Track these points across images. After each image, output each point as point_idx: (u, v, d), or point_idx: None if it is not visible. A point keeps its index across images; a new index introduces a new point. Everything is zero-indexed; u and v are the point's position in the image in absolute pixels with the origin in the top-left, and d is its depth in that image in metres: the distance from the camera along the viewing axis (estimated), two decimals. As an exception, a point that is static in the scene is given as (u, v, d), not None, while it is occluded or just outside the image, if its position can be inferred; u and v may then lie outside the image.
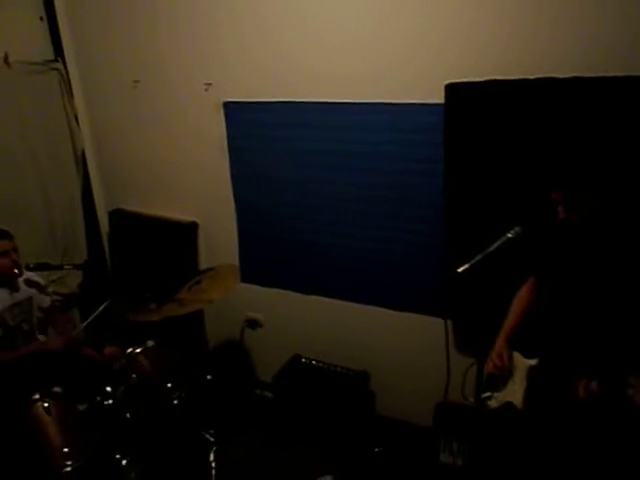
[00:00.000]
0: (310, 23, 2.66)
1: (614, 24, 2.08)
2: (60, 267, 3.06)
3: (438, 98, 2.39)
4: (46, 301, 2.82)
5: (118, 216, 3.66)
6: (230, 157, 3.13)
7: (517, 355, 2.07)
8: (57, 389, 2.36)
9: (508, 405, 2.03)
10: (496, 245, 1.72)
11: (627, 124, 2.04)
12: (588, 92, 2.08)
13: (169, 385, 2.63)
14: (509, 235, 1.74)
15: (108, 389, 2.49)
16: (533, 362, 2.02)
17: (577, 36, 2.14)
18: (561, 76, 2.12)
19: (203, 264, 3.42)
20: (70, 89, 3.40)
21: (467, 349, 2.72)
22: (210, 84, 3.02)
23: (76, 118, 3.46)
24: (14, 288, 2.66)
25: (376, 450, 2.95)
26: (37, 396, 2.29)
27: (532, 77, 2.17)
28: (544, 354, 1.99)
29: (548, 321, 1.98)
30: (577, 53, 2.14)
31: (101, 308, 2.67)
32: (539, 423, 1.98)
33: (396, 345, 3.01)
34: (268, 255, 3.24)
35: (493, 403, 2.07)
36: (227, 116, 3.04)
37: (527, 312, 2.10)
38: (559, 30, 2.17)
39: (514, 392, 2.03)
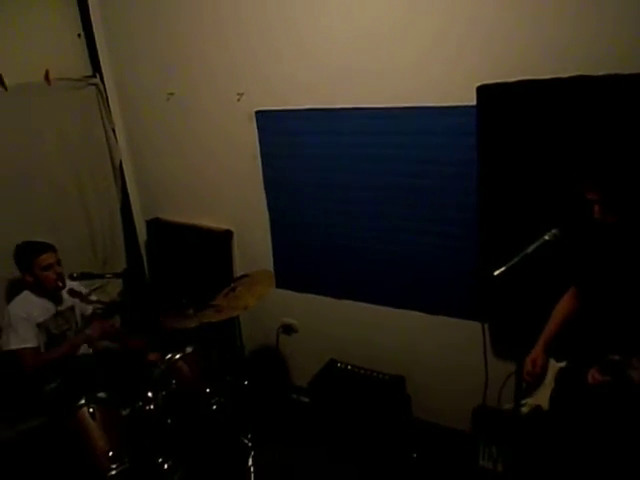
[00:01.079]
0: (337, 30, 2.68)
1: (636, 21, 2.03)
2: (101, 276, 3.16)
3: (465, 100, 2.37)
4: (88, 310, 2.91)
5: (155, 225, 3.75)
6: (263, 165, 3.17)
7: (551, 360, 2.06)
8: (102, 395, 2.43)
9: (537, 409, 2.02)
10: (533, 247, 1.70)
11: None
12: (623, 90, 2.03)
13: (208, 390, 2.68)
14: (546, 237, 1.72)
15: (149, 394, 2.55)
16: (562, 364, 2.02)
17: (602, 33, 2.11)
18: (595, 74, 2.08)
19: (238, 271, 3.47)
20: (107, 104, 3.50)
21: (505, 353, 2.68)
22: (242, 94, 3.07)
23: (114, 131, 3.56)
24: (58, 299, 2.76)
25: (413, 455, 2.93)
26: (83, 401, 2.36)
27: (565, 76, 2.14)
28: (574, 356, 1.98)
29: (586, 325, 1.95)
30: (607, 50, 2.10)
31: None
32: (561, 419, 1.97)
33: (432, 349, 2.99)
34: (302, 261, 3.27)
35: (525, 409, 2.06)
36: (259, 125, 3.09)
37: (567, 321, 2.07)
38: (583, 27, 2.14)
39: (543, 395, 2.02)
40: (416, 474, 2.84)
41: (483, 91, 2.31)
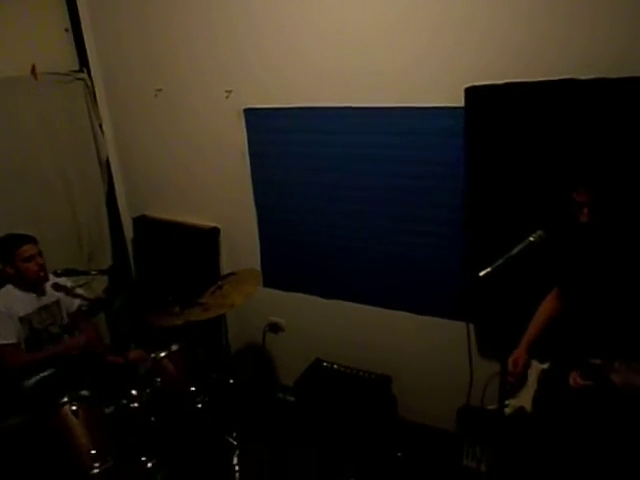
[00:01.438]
0: (327, 29, 2.68)
1: (629, 24, 2.06)
2: (86, 272, 3.11)
3: (455, 101, 2.38)
4: (74, 305, 2.88)
5: (142, 222, 3.73)
6: (251, 163, 3.16)
7: (534, 362, 2.08)
8: (85, 392, 2.41)
9: (520, 410, 2.03)
10: (518, 249, 1.69)
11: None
12: (611, 93, 2.05)
13: (193, 389, 2.67)
14: (531, 239, 1.71)
15: (134, 392, 2.53)
16: (545, 366, 2.03)
17: (595, 37, 2.12)
18: (583, 77, 2.10)
19: (225, 269, 3.46)
20: (95, 98, 3.47)
21: (490, 353, 2.70)
22: (230, 91, 3.06)
23: (100, 127, 3.53)
24: (41, 292, 2.74)
25: (398, 454, 2.94)
26: (65, 399, 2.33)
27: (555, 79, 2.15)
28: (557, 357, 2.00)
29: (569, 326, 1.97)
30: (594, 54, 2.12)
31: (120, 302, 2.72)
32: (544, 421, 1.99)
33: (418, 349, 3.00)
34: (289, 259, 3.26)
35: (508, 410, 2.07)
36: (247, 122, 3.08)
37: (550, 322, 2.10)
38: (575, 30, 2.16)
39: (526, 396, 2.04)
40: (401, 473, 2.85)
41: (471, 92, 2.32)
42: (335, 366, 3.19)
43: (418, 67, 2.51)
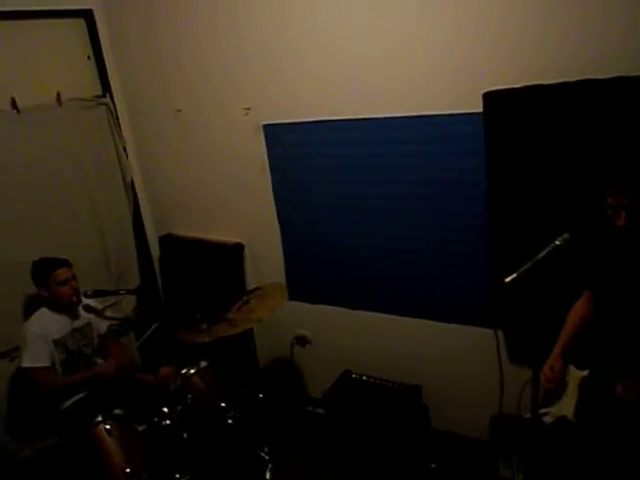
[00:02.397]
0: (339, 41, 2.71)
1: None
2: (115, 292, 3.18)
3: (474, 107, 2.37)
4: (104, 327, 2.94)
5: (168, 241, 3.78)
6: (272, 178, 3.19)
7: (571, 368, 2.02)
8: (118, 411, 2.44)
9: (562, 419, 1.98)
10: (544, 253, 1.68)
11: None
12: (633, 91, 2.02)
13: (223, 405, 2.68)
14: (557, 242, 1.70)
15: (165, 410, 2.56)
16: (585, 373, 1.98)
17: (611, 36, 2.10)
18: (602, 77, 2.07)
19: (250, 284, 3.48)
20: (118, 122, 3.55)
21: (520, 360, 2.65)
22: (249, 108, 3.10)
23: (124, 149, 3.61)
24: (74, 315, 2.79)
25: (432, 466, 2.90)
26: (99, 418, 2.37)
27: (572, 80, 2.13)
28: (596, 364, 1.95)
29: (603, 331, 1.92)
30: (615, 53, 2.10)
31: (152, 328, 2.77)
32: (590, 433, 1.93)
33: (447, 357, 2.96)
34: (314, 272, 3.27)
35: (549, 419, 2.02)
36: (267, 138, 3.11)
37: (583, 326, 2.05)
38: (588, 30, 2.14)
39: (567, 405, 1.98)
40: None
41: (489, 97, 2.31)
42: (364, 377, 3.17)
43: (434, 75, 2.51)
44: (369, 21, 2.60)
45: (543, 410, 2.03)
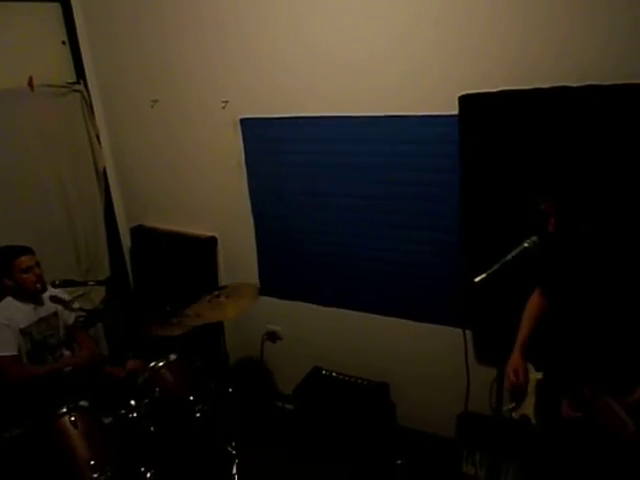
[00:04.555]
0: (320, 39, 2.71)
1: (625, 32, 2.08)
2: (84, 283, 3.13)
3: (451, 109, 2.41)
4: (71, 317, 2.89)
5: (139, 232, 3.74)
6: (247, 172, 3.18)
7: (530, 367, 2.07)
8: (84, 403, 2.40)
9: (525, 417, 2.03)
10: (513, 254, 1.70)
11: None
12: (601, 100, 2.08)
13: (191, 398, 2.66)
14: (525, 244, 1.72)
15: (133, 402, 2.53)
16: (539, 376, 2.02)
17: (589, 44, 2.15)
18: (575, 84, 2.13)
19: (223, 277, 3.47)
20: (92, 110, 3.49)
21: (487, 359, 2.71)
22: (227, 101, 3.09)
23: (98, 138, 3.55)
24: (39, 303, 2.74)
25: (398, 462, 2.94)
26: (64, 410, 2.33)
27: (546, 86, 2.18)
28: (548, 368, 2.00)
29: (551, 334, 1.98)
30: (589, 61, 2.15)
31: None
32: (548, 438, 1.98)
33: (415, 355, 3.01)
34: (287, 268, 3.27)
35: (515, 415, 2.06)
36: (244, 132, 3.10)
37: (538, 319, 2.09)
38: (570, 39, 2.18)
39: (529, 404, 2.03)
40: (401, 480, 2.85)
41: (464, 100, 2.35)
42: (333, 374, 3.19)
43: (413, 76, 2.54)
44: (351, 22, 2.61)
45: (512, 405, 2.07)
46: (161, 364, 2.71)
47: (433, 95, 2.50)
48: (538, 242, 1.74)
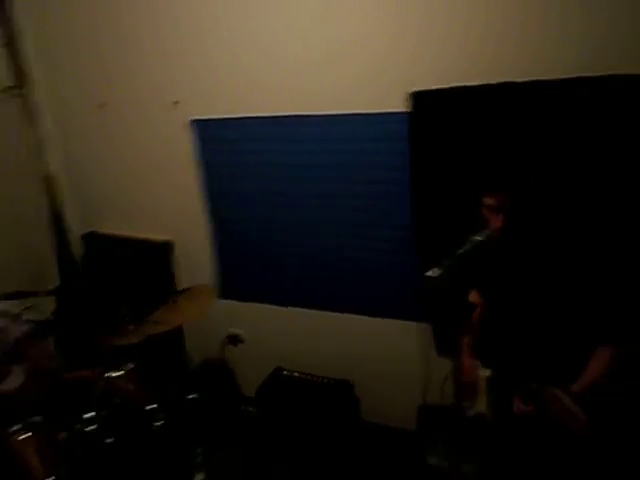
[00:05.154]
0: (275, 38, 2.69)
1: (575, 26, 2.13)
2: (33, 294, 3.01)
3: (403, 107, 2.43)
4: (19, 331, 2.76)
5: (92, 239, 3.63)
6: (202, 174, 3.13)
7: (478, 364, 2.10)
8: (36, 419, 2.31)
9: (480, 414, 2.06)
10: (465, 249, 1.73)
11: (580, 126, 2.10)
12: (548, 95, 2.14)
13: (152, 407, 2.60)
14: (477, 238, 1.75)
15: (89, 415, 2.45)
16: (488, 373, 2.05)
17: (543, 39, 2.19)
18: (521, 80, 2.17)
19: (180, 282, 3.40)
20: (36, 115, 3.35)
21: (446, 351, 2.74)
22: (177, 102, 3.03)
23: (43, 143, 3.42)
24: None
25: (363, 457, 2.95)
26: (15, 428, 2.23)
27: (494, 82, 2.22)
28: (495, 364, 2.04)
29: (494, 331, 2.02)
30: (544, 56, 2.19)
31: None
32: (503, 434, 2.02)
33: (377, 351, 3.02)
34: (246, 270, 3.24)
35: (471, 412, 2.10)
36: (196, 133, 3.05)
37: (481, 316, 2.12)
38: (525, 34, 2.22)
39: (481, 402, 2.06)
40: (367, 475, 2.86)
41: (416, 97, 2.37)
42: (296, 374, 3.18)
43: (369, 74, 2.54)
44: (307, 20, 2.59)
45: (466, 403, 2.10)
46: (118, 374, 2.63)
47: (390, 92, 2.50)
48: (490, 235, 1.78)
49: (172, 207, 3.32)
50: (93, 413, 2.44)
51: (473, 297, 2.13)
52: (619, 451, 1.94)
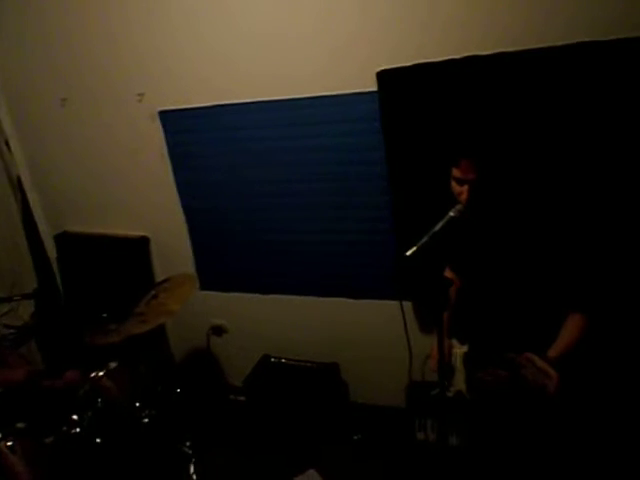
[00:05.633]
0: (240, 24, 2.62)
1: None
2: (9, 299, 2.96)
3: (371, 86, 2.41)
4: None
5: (65, 239, 3.56)
6: (173, 166, 3.08)
7: (455, 342, 2.12)
8: (20, 425, 2.28)
9: (459, 394, 2.08)
10: (440, 225, 1.72)
11: (542, 97, 2.11)
12: (512, 67, 2.13)
13: (137, 404, 2.59)
14: (451, 214, 1.75)
15: (75, 417, 2.42)
16: (465, 349, 2.07)
17: (497, 11, 2.18)
18: (485, 53, 2.17)
19: (159, 278, 3.35)
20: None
21: (429, 329, 2.78)
22: (142, 94, 2.96)
23: (7, 143, 3.33)
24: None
25: (355, 437, 2.99)
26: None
27: (458, 57, 2.21)
28: (471, 340, 2.06)
29: (468, 306, 2.04)
30: (499, 28, 2.18)
31: None
32: (482, 409, 2.05)
33: (361, 332, 3.04)
34: (224, 260, 3.21)
35: (451, 391, 2.11)
36: (164, 125, 2.98)
37: (455, 293, 2.14)
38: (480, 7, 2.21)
39: (459, 380, 2.08)
40: (360, 456, 2.90)
41: (382, 76, 2.35)
42: (283, 360, 3.19)
43: (337, 54, 2.50)
44: (270, 6, 2.53)
45: (438, 390, 2.12)
46: (101, 373, 2.61)
47: (359, 73, 2.46)
48: (463, 210, 1.78)
49: (146, 201, 3.27)
50: (78, 415, 2.42)
51: (448, 273, 2.14)
52: (592, 412, 1.99)
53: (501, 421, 2.00)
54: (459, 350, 2.09)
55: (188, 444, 2.74)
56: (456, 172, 1.79)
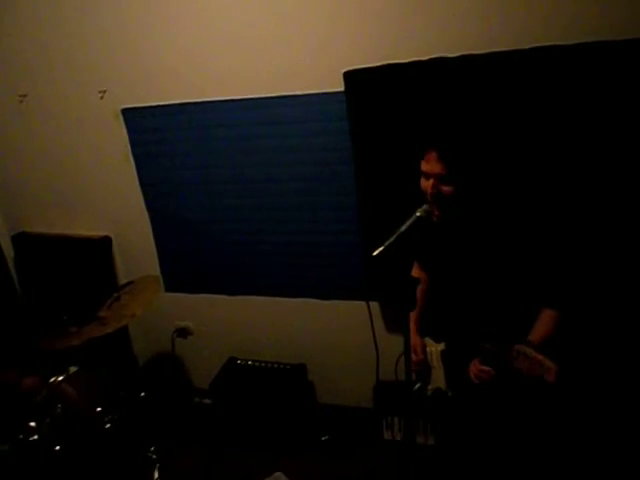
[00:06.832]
0: (209, 21, 2.58)
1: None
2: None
3: (339, 86, 2.41)
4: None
5: (23, 240, 3.43)
6: (136, 165, 3.01)
7: (429, 341, 2.14)
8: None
9: (438, 390, 2.10)
10: (407, 225, 1.73)
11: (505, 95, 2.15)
12: (478, 69, 2.17)
13: (99, 409, 2.52)
14: (417, 214, 1.76)
15: (32, 424, 2.34)
16: (442, 346, 2.09)
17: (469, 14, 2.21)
18: (451, 55, 2.19)
19: (122, 279, 3.28)
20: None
21: (396, 329, 2.79)
22: (104, 91, 2.88)
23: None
24: None
25: (323, 439, 2.98)
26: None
27: (425, 58, 2.24)
28: (448, 337, 2.08)
29: (442, 304, 2.06)
30: (470, 31, 2.21)
31: None
32: (464, 404, 2.06)
33: (328, 333, 3.04)
34: (190, 261, 3.16)
35: (429, 389, 2.13)
36: (127, 123, 2.92)
37: (425, 292, 2.16)
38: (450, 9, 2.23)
39: (438, 378, 2.10)
40: (328, 456, 2.89)
41: (349, 76, 2.36)
42: (249, 362, 3.16)
43: (307, 54, 2.49)
44: (240, 3, 2.50)
45: (418, 385, 2.13)
46: (60, 378, 2.53)
47: (328, 73, 2.46)
48: (430, 209, 1.79)
49: (109, 201, 3.18)
50: (35, 422, 2.34)
51: (415, 272, 2.16)
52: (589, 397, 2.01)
53: (489, 415, 2.00)
54: (434, 348, 2.10)
55: (152, 449, 2.69)
56: (423, 165, 1.80)
